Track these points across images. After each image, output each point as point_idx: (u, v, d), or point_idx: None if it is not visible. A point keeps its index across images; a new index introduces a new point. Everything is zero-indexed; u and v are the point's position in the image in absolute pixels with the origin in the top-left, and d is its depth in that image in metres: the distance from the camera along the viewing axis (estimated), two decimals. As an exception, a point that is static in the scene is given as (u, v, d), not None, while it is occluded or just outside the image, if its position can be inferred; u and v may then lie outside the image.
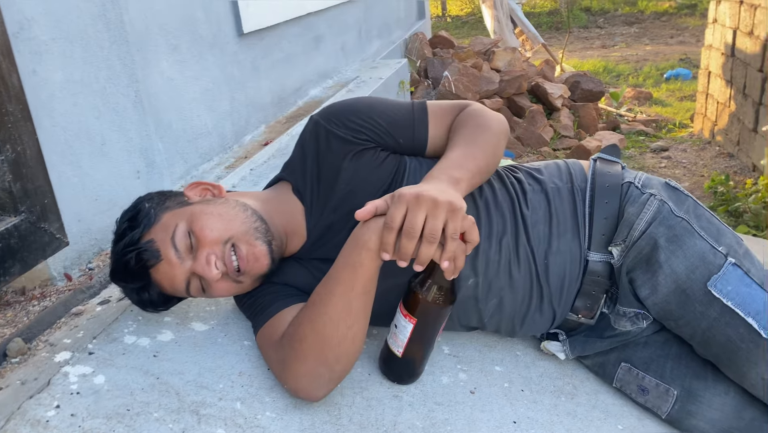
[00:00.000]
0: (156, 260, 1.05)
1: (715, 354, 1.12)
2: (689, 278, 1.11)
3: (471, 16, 12.62)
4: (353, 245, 0.98)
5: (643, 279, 1.14)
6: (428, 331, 1.07)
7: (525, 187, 1.22)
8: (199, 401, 1.04)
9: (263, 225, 1.10)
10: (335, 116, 1.17)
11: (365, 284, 0.98)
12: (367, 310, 1.02)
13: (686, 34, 9.85)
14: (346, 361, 1.02)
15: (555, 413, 1.18)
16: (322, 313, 0.99)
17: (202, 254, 1.05)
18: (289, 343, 1.03)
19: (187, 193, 1.16)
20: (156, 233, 1.06)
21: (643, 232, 1.14)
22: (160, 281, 1.07)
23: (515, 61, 5.03)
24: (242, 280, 1.09)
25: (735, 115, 4.04)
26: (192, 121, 1.99)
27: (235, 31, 2.29)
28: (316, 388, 1.03)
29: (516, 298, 1.19)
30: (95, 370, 1.08)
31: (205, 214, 1.08)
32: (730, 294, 1.08)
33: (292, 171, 1.21)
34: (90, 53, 1.43)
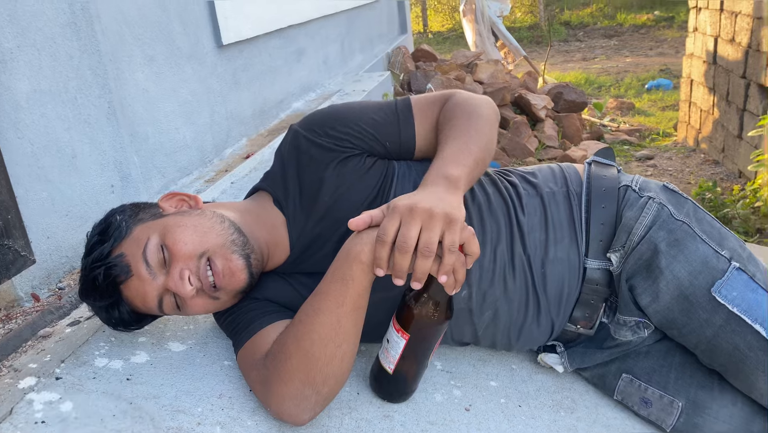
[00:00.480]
0: (126, 275, 0.98)
1: (722, 364, 1.07)
2: (692, 284, 1.05)
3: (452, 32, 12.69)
4: (344, 258, 0.91)
5: (643, 286, 1.09)
6: (422, 348, 1.00)
7: (520, 191, 1.17)
8: (176, 427, 0.96)
9: (241, 237, 1.03)
10: (316, 125, 1.11)
11: (356, 299, 0.92)
12: (357, 328, 0.95)
13: (665, 45, 9.96)
14: (334, 383, 0.95)
15: (555, 429, 1.12)
16: (310, 331, 0.92)
17: (175, 270, 0.98)
18: (273, 363, 0.95)
19: (162, 205, 1.09)
20: (127, 247, 1.00)
21: (642, 237, 1.09)
22: (132, 298, 1.00)
23: (498, 73, 5.02)
24: (219, 296, 1.02)
25: (719, 122, 4.05)
26: (170, 134, 1.92)
27: (213, 43, 2.24)
28: (301, 411, 0.95)
29: (512, 309, 1.13)
30: (62, 396, 1.00)
31: (178, 226, 1.01)
32: (736, 300, 1.03)
33: (272, 182, 1.14)
34: (59, 62, 1.37)
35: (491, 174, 1.22)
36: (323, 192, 1.09)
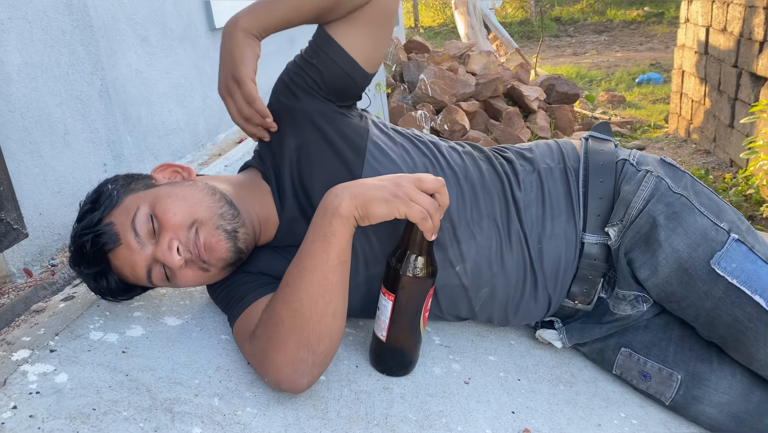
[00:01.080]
0: (114, 244, 0.97)
1: (721, 336, 1.06)
2: (691, 256, 1.05)
3: (443, 27, 12.69)
4: (322, 216, 0.92)
5: (642, 260, 1.08)
6: (409, 309, 0.99)
7: (516, 167, 1.16)
8: (173, 398, 0.95)
9: (231, 210, 1.02)
10: (271, 98, 1.13)
11: (340, 254, 0.92)
12: (345, 283, 0.95)
13: (655, 41, 10.01)
14: (329, 340, 0.94)
15: (554, 402, 1.12)
16: (298, 291, 0.92)
17: (164, 240, 0.97)
18: (266, 330, 0.94)
19: (155, 176, 1.08)
20: (116, 216, 0.98)
21: (640, 210, 1.09)
22: (120, 267, 0.99)
23: (490, 65, 5.02)
24: (208, 268, 1.01)
25: (710, 112, 4.06)
26: (163, 116, 1.90)
27: (206, 26, 2.21)
28: (299, 375, 0.93)
29: (509, 285, 1.12)
30: (57, 368, 0.98)
31: (169, 196, 1.00)
32: (735, 271, 1.03)
33: (259, 158, 1.15)
34: (50, 36, 1.34)
35: (486, 151, 1.21)
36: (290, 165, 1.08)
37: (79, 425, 0.87)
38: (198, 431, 0.90)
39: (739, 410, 1.08)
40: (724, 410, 1.09)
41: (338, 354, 1.11)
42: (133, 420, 0.89)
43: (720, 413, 1.10)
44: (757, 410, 1.08)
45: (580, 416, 1.09)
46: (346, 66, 1.07)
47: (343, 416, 0.98)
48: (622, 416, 1.12)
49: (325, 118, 1.07)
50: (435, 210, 0.91)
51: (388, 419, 0.99)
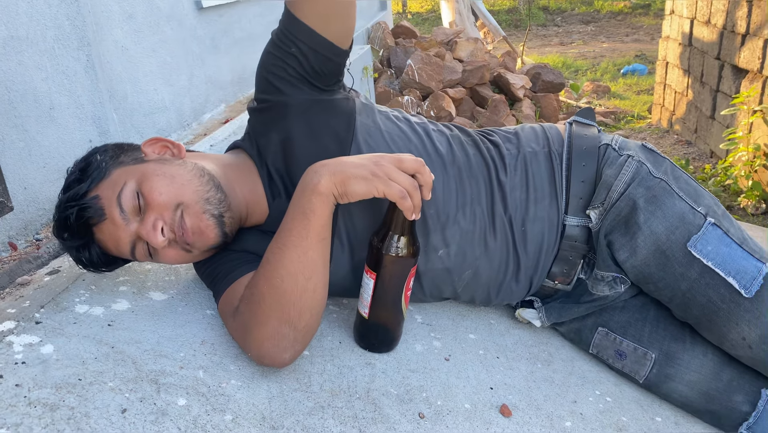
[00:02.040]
0: (99, 218, 0.97)
1: (696, 316, 1.10)
2: (669, 238, 1.08)
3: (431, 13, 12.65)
4: (301, 193, 0.94)
5: (621, 242, 1.11)
6: (391, 288, 1.01)
7: (502, 151, 1.18)
8: (159, 370, 0.96)
9: (218, 194, 1.02)
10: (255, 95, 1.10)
11: (319, 231, 0.94)
12: (325, 259, 0.96)
13: (641, 32, 10.06)
14: (310, 316, 0.95)
15: (532, 379, 1.15)
16: (279, 267, 0.93)
17: (149, 219, 0.97)
18: (248, 306, 0.96)
19: (145, 150, 1.07)
20: (103, 190, 0.98)
21: (621, 193, 1.12)
22: (104, 241, 0.99)
23: (477, 52, 5.03)
24: (191, 249, 1.02)
25: (693, 104, 4.11)
26: (148, 94, 1.89)
27: (193, 5, 2.20)
28: (281, 350, 0.95)
29: (492, 267, 1.15)
30: (43, 339, 0.99)
31: (156, 175, 0.99)
32: (710, 254, 1.06)
33: (249, 143, 1.13)
34: (36, 9, 1.34)
35: (473, 135, 1.22)
36: (282, 153, 1.08)
37: (65, 394, 0.88)
38: (183, 401, 0.91)
39: (710, 388, 1.12)
40: (695, 387, 1.13)
41: (322, 330, 1.13)
42: (118, 390, 0.91)
43: (691, 390, 1.13)
44: (726, 387, 1.12)
45: (556, 393, 1.12)
46: (324, 49, 1.03)
47: (326, 389, 1.00)
48: (597, 393, 1.16)
49: (311, 111, 1.07)
50: (414, 189, 0.92)
51: (370, 392, 1.01)
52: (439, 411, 1.01)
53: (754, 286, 1.04)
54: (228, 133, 2.07)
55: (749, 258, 1.06)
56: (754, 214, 3.05)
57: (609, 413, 1.11)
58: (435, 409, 1.01)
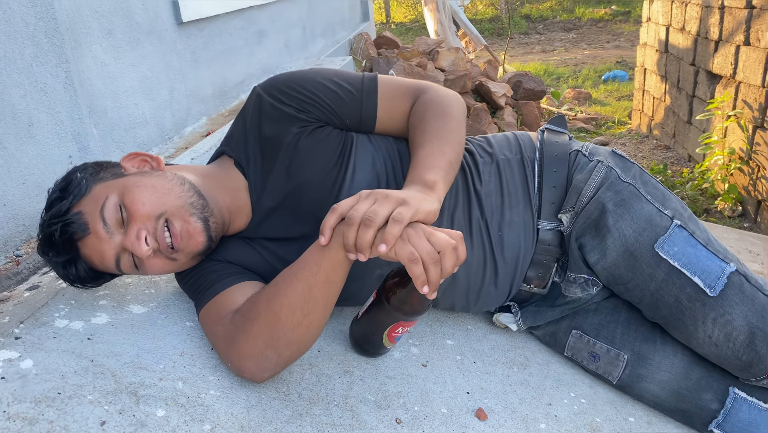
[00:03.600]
0: (83, 233, 0.98)
1: (664, 316, 1.13)
2: (637, 240, 1.11)
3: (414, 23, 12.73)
4: None
5: (592, 244, 1.14)
6: (377, 320, 1.04)
7: (476, 159, 1.20)
8: (138, 382, 0.98)
9: (200, 200, 1.04)
10: (279, 89, 1.10)
11: (330, 271, 0.91)
12: (328, 301, 0.95)
13: (621, 39, 10.19)
14: (297, 348, 0.97)
15: (508, 383, 1.17)
16: (281, 295, 0.94)
17: (132, 229, 0.99)
18: (241, 320, 0.97)
19: (124, 165, 1.08)
20: (85, 205, 1.00)
21: (591, 197, 1.15)
22: (89, 255, 1.01)
23: (459, 61, 5.07)
24: (176, 257, 1.03)
25: (670, 109, 4.18)
26: (129, 109, 1.91)
27: (173, 19, 2.22)
28: (261, 370, 0.97)
29: (469, 273, 1.17)
30: (22, 354, 1.00)
31: (138, 186, 1.01)
32: (677, 255, 1.10)
33: (234, 145, 1.14)
34: (13, 27, 1.35)
35: None
36: (282, 158, 1.09)
37: (45, 408, 0.89)
38: (162, 413, 0.92)
39: (680, 387, 1.15)
40: (666, 387, 1.16)
41: (300, 339, 1.15)
42: (98, 403, 0.92)
43: (662, 390, 1.16)
44: (696, 386, 1.15)
45: (531, 396, 1.15)
46: (366, 120, 1.14)
47: (304, 397, 1.02)
48: (572, 395, 1.18)
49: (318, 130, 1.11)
50: (433, 263, 0.82)
51: (348, 399, 1.03)
52: (416, 416, 1.03)
53: (719, 285, 1.07)
54: (209, 146, 2.09)
55: (714, 258, 1.09)
56: (730, 217, 3.10)
57: (583, 415, 1.13)
58: (412, 414, 1.03)
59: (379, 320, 1.03)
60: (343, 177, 1.10)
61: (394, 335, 1.04)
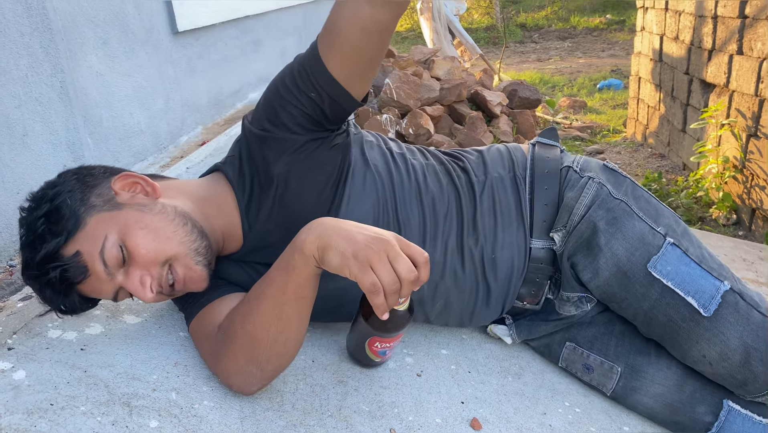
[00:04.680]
0: (83, 276, 0.95)
1: (658, 334, 1.13)
2: (629, 260, 1.11)
3: (411, 32, 12.78)
4: (290, 247, 0.90)
5: (584, 263, 1.14)
6: (357, 331, 1.05)
7: (471, 179, 1.19)
8: (131, 393, 0.97)
9: (204, 242, 1.01)
10: (260, 117, 1.05)
11: (297, 289, 0.89)
12: (301, 316, 0.93)
13: (616, 47, 10.25)
14: (278, 362, 0.96)
15: (503, 392, 1.17)
16: (254, 314, 0.93)
17: (135, 274, 0.96)
18: (222, 338, 0.97)
19: (116, 189, 1.01)
20: (82, 244, 0.94)
21: (582, 216, 1.14)
22: (87, 292, 0.98)
23: (454, 70, 5.09)
24: (176, 294, 1.03)
25: (665, 117, 4.20)
26: (124, 118, 1.91)
27: (169, 29, 2.23)
28: (248, 384, 0.98)
29: (462, 297, 1.17)
30: (15, 365, 0.99)
31: (140, 228, 0.96)
32: (670, 274, 1.09)
33: (230, 169, 1.11)
34: (8, 38, 1.35)
35: (446, 163, 1.23)
36: (276, 188, 1.06)
37: (37, 419, 0.89)
38: (155, 424, 0.92)
39: (674, 400, 1.15)
40: (660, 400, 1.16)
41: (295, 349, 1.15)
42: (90, 414, 0.91)
43: (656, 402, 1.16)
44: (689, 399, 1.15)
45: (526, 406, 1.15)
46: (343, 101, 1.03)
47: (298, 408, 1.02)
48: (567, 405, 1.18)
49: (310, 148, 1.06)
50: (392, 291, 0.82)
51: (342, 410, 1.03)
52: (410, 426, 1.02)
53: (713, 305, 1.07)
54: (205, 155, 2.09)
55: (708, 277, 1.09)
56: (725, 225, 3.11)
57: (578, 424, 1.13)
58: (406, 424, 1.03)
59: (358, 332, 1.04)
60: (338, 206, 1.08)
61: (376, 349, 1.05)
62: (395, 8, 0.95)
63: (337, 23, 0.97)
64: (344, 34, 0.97)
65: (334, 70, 0.99)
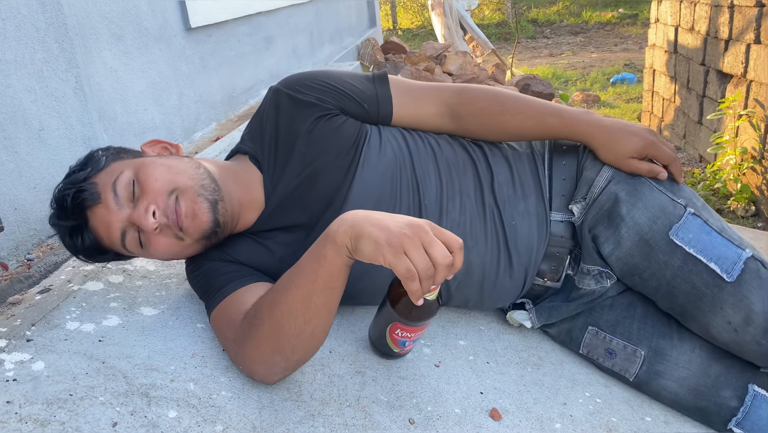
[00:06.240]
0: (93, 201, 1.00)
1: (681, 305, 1.12)
2: (651, 228, 1.11)
3: (421, 29, 12.76)
4: (324, 236, 0.89)
5: (606, 235, 1.14)
6: (381, 316, 1.04)
7: (485, 151, 1.21)
8: (149, 384, 0.97)
9: (212, 184, 1.05)
10: (296, 83, 1.16)
11: (327, 279, 0.89)
12: (329, 307, 0.93)
13: (629, 42, 10.16)
14: (303, 353, 0.96)
15: (522, 383, 1.16)
16: (282, 302, 0.92)
17: (142, 203, 1.00)
18: (248, 326, 0.97)
19: (144, 149, 1.13)
20: (101, 178, 1.02)
21: (603, 188, 1.15)
22: (96, 227, 1.02)
23: (467, 65, 5.07)
24: (184, 237, 1.03)
25: (680, 109, 4.16)
26: (138, 114, 1.91)
27: (182, 25, 2.23)
28: (271, 374, 0.98)
29: (484, 262, 1.16)
30: (34, 356, 1.00)
31: (153, 164, 1.03)
32: (692, 242, 1.09)
33: (249, 140, 1.17)
34: (24, 33, 1.36)
35: (459, 138, 1.25)
36: (298, 146, 1.12)
37: (56, 409, 0.89)
38: (174, 414, 0.92)
39: (698, 384, 1.14)
40: (684, 384, 1.14)
41: (312, 340, 1.14)
42: (109, 404, 0.91)
43: (680, 387, 1.15)
44: (714, 383, 1.13)
45: (546, 396, 1.13)
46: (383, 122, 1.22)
47: (317, 398, 1.01)
48: (587, 395, 1.16)
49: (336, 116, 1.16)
50: (427, 277, 0.81)
51: (360, 400, 1.02)
52: (430, 417, 1.01)
53: (736, 270, 1.07)
54: (219, 151, 2.09)
55: (729, 245, 1.09)
56: (743, 217, 3.07)
57: (599, 414, 1.12)
58: (425, 414, 1.02)
59: (382, 319, 1.03)
60: (356, 165, 1.12)
61: (396, 337, 1.03)
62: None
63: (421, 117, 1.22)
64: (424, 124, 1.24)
65: (397, 112, 1.20)
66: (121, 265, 1.28)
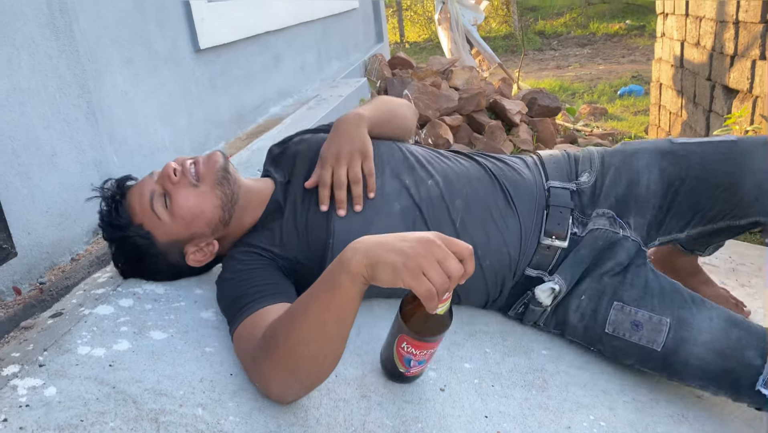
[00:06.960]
0: (133, 181, 1.27)
1: (719, 185, 1.31)
2: (662, 142, 1.40)
3: (429, 42, 12.82)
4: (337, 264, 0.90)
5: (628, 175, 1.39)
6: (392, 331, 1.06)
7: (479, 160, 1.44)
8: (158, 409, 0.99)
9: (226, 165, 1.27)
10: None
11: (341, 307, 0.90)
12: (342, 334, 0.94)
13: (637, 53, 10.17)
14: (317, 377, 0.99)
15: (527, 406, 1.17)
16: (297, 328, 0.94)
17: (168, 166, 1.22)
18: (266, 345, 0.99)
19: None
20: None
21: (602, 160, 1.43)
22: (132, 202, 1.22)
23: (473, 80, 5.10)
24: (198, 184, 1.22)
25: (687, 124, 4.16)
26: (149, 135, 1.94)
27: (191, 47, 2.26)
28: (285, 394, 1.02)
29: (479, 196, 1.32)
30: (46, 382, 1.02)
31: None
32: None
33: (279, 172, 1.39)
34: (38, 61, 1.39)
35: None
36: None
37: (68, 435, 0.91)
38: (182, 439, 0.93)
39: (723, 346, 1.18)
40: (710, 347, 1.19)
41: (318, 364, 1.16)
42: (119, 430, 0.93)
43: (707, 351, 1.19)
44: (737, 344, 1.18)
45: (550, 420, 1.14)
46: None
47: (323, 423, 1.02)
48: (591, 418, 1.17)
49: None
50: (443, 290, 0.84)
51: (366, 425, 1.03)
52: (434, 441, 1.02)
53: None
54: (227, 171, 2.12)
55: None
56: (750, 233, 3.06)
57: (603, 438, 1.12)
58: (430, 439, 1.03)
59: (392, 335, 1.06)
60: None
61: (402, 353, 1.05)
62: None
63: None
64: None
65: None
66: (131, 288, 1.30)
